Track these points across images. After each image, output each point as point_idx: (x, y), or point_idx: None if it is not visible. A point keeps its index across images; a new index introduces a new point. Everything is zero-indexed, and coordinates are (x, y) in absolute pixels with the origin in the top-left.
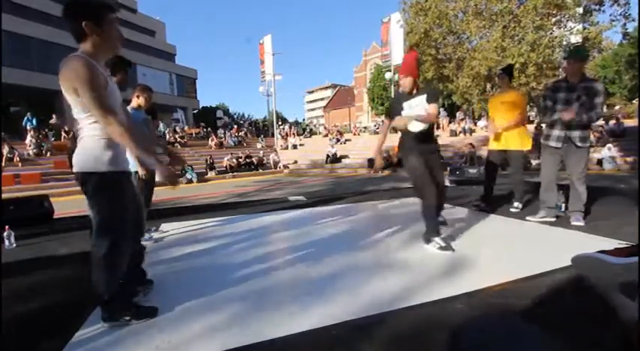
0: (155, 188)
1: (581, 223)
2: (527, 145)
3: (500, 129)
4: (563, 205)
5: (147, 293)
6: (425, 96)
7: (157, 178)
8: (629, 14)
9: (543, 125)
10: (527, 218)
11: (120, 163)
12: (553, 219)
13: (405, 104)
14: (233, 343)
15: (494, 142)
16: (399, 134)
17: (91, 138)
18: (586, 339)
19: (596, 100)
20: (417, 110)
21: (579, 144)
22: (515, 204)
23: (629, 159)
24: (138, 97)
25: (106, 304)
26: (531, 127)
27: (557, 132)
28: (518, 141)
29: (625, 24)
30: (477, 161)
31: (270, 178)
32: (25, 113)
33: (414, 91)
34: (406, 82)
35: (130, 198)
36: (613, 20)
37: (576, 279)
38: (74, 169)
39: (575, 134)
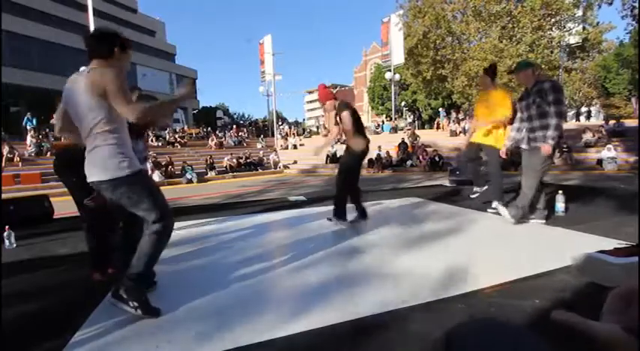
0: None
1: (511, 220)
2: (499, 145)
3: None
4: (563, 205)
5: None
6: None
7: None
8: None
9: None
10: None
11: (135, 165)
12: (542, 221)
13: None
14: (233, 343)
15: (474, 137)
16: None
17: (106, 147)
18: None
19: (549, 98)
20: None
21: (529, 145)
22: (494, 204)
23: (630, 159)
24: None
25: (132, 279)
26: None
27: (524, 134)
28: (492, 138)
29: (634, 17)
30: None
31: (270, 178)
32: (25, 113)
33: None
34: (327, 107)
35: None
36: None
37: (576, 279)
38: (95, 178)
39: (537, 135)
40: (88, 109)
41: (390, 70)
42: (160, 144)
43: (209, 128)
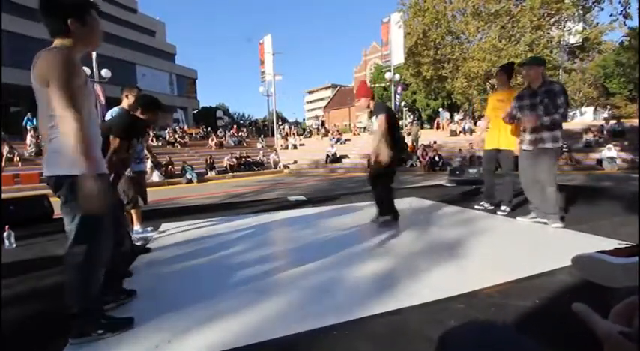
0: (154, 188)
1: (559, 225)
2: (515, 146)
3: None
4: (563, 205)
5: (120, 304)
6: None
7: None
8: (629, 13)
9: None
10: (518, 219)
11: (97, 166)
12: (544, 220)
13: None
14: (233, 342)
15: (488, 142)
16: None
17: (65, 138)
18: (586, 339)
19: (559, 101)
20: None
21: (547, 146)
22: (503, 207)
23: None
24: (127, 96)
25: (75, 317)
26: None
27: (528, 136)
28: (509, 141)
29: (625, 22)
30: (476, 161)
31: (270, 178)
32: (25, 113)
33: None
34: (361, 104)
35: (108, 203)
36: (614, 20)
37: (576, 279)
38: (45, 173)
39: (545, 136)
40: (41, 101)
41: (390, 70)
42: (160, 144)
43: (209, 128)
